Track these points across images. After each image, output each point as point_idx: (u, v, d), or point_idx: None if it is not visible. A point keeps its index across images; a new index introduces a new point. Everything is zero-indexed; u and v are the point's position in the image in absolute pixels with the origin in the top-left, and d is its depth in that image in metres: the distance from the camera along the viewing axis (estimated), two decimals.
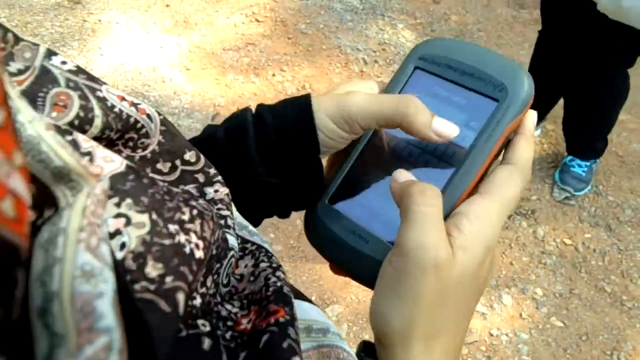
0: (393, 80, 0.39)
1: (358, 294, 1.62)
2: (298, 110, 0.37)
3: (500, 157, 0.35)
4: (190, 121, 2.06)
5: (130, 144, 0.30)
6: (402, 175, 0.33)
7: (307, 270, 1.67)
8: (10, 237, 0.13)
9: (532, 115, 0.35)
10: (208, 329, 0.25)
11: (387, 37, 2.55)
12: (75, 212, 0.19)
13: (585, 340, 1.57)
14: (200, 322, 0.25)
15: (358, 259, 0.35)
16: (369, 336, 1.53)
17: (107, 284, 0.18)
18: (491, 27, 2.70)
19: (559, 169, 1.99)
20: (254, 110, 0.39)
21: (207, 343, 0.24)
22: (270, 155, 0.37)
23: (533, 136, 0.35)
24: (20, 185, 0.14)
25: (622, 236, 1.85)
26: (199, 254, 0.24)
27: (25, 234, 0.14)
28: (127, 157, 0.30)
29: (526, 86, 0.34)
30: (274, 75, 2.28)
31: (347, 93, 0.36)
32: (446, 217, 0.32)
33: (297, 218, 1.77)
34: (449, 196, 0.33)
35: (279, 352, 0.25)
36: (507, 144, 0.35)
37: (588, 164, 1.94)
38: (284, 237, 1.75)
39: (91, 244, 0.18)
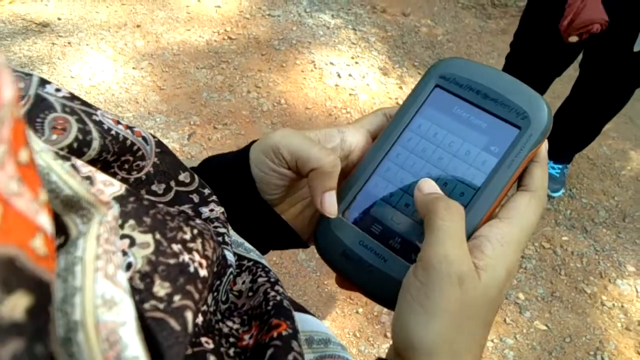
0: (412, 96, 0.39)
1: (344, 309, 1.61)
2: (241, 150, 0.39)
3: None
4: (166, 141, 2.04)
5: (126, 166, 0.31)
6: (428, 185, 0.34)
7: (291, 287, 1.65)
8: (44, 275, 0.13)
9: (545, 145, 0.36)
10: (212, 346, 0.25)
11: (360, 50, 2.58)
12: (90, 240, 0.19)
13: (569, 342, 1.60)
14: (203, 339, 0.25)
15: (373, 276, 0.35)
16: (356, 351, 1.52)
17: (128, 311, 0.18)
18: (460, 37, 2.76)
19: None
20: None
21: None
22: (222, 194, 0.38)
23: (547, 165, 0.36)
24: (47, 221, 0.14)
25: (598, 237, 1.89)
26: (203, 272, 0.25)
27: (54, 270, 0.14)
28: (122, 180, 0.30)
29: (547, 116, 0.35)
30: (249, 92, 2.28)
31: (282, 131, 0.37)
32: (467, 238, 0.32)
33: None
34: (469, 219, 0.33)
35: None
36: (523, 172, 0.35)
37: (561, 166, 1.99)
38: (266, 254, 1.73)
39: (109, 272, 0.18)
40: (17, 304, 0.12)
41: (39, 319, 0.13)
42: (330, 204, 0.35)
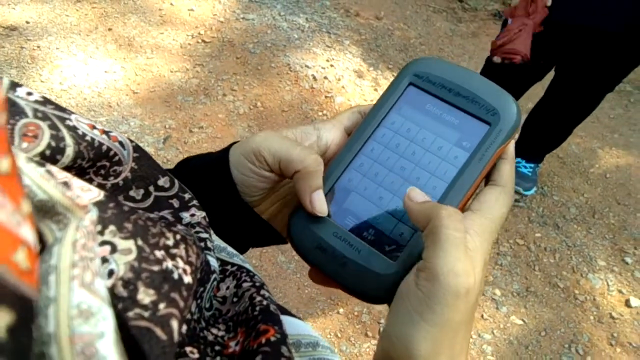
0: (386, 93, 0.40)
1: (325, 309, 1.61)
2: (220, 152, 0.39)
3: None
4: (141, 145, 2.01)
5: (102, 172, 0.30)
6: (418, 194, 0.33)
7: (271, 289, 1.65)
8: (27, 291, 0.12)
9: (513, 143, 0.37)
10: (197, 356, 0.24)
11: (335, 53, 2.59)
12: (66, 247, 0.18)
13: (545, 336, 1.64)
14: (188, 349, 0.25)
15: (348, 268, 0.35)
16: (338, 351, 1.52)
17: (106, 322, 0.17)
18: (432, 40, 2.81)
19: None
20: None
21: None
22: (201, 194, 0.38)
23: (514, 161, 0.37)
24: (29, 234, 0.14)
25: (569, 233, 1.94)
26: (188, 279, 0.24)
27: (37, 285, 0.13)
28: (99, 186, 0.29)
29: (516, 114, 0.37)
30: (224, 95, 2.27)
31: (263, 134, 0.37)
32: None
33: None
34: None
35: None
36: (491, 168, 0.37)
37: (533, 165, 2.04)
38: (245, 256, 1.72)
39: (85, 280, 0.17)
40: None
41: (20, 338, 0.12)
42: (320, 203, 0.36)
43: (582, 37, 1.56)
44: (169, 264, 0.23)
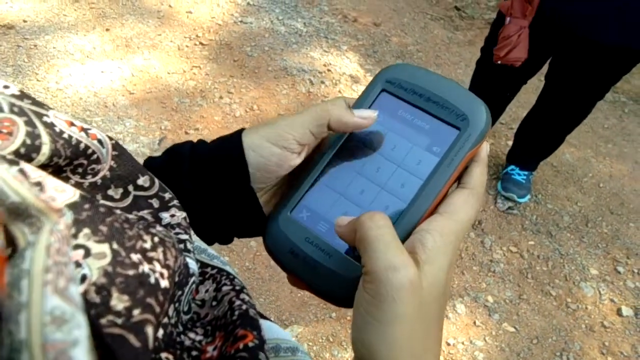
0: (359, 100, 0.40)
1: (317, 313, 1.61)
2: (230, 136, 0.39)
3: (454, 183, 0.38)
4: (136, 146, 2.01)
5: (80, 170, 0.29)
6: (344, 219, 0.34)
7: (264, 292, 1.64)
8: None
9: (485, 147, 0.38)
10: None
11: (332, 58, 2.60)
12: (39, 251, 0.17)
13: (536, 344, 1.64)
14: (163, 355, 0.24)
15: (319, 272, 0.36)
16: (330, 355, 1.52)
17: (80, 329, 0.17)
18: (429, 47, 2.82)
19: (500, 179, 2.08)
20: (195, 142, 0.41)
21: None
22: (203, 183, 0.38)
23: (486, 165, 0.37)
24: (28, 232, 0.13)
25: (562, 241, 1.95)
26: (164, 283, 0.23)
27: (4, 288, 0.13)
28: (76, 184, 0.29)
29: (485, 118, 0.37)
30: (221, 97, 2.27)
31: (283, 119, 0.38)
32: (409, 234, 0.33)
33: (252, 240, 1.75)
34: (411, 215, 0.35)
35: None
36: (463, 171, 0.37)
37: (527, 173, 2.05)
38: (239, 259, 1.72)
39: (59, 285, 0.17)
40: None
41: None
42: (367, 112, 0.38)
43: (575, 42, 1.57)
44: (145, 267, 0.23)
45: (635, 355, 1.63)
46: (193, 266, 0.29)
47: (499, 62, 1.59)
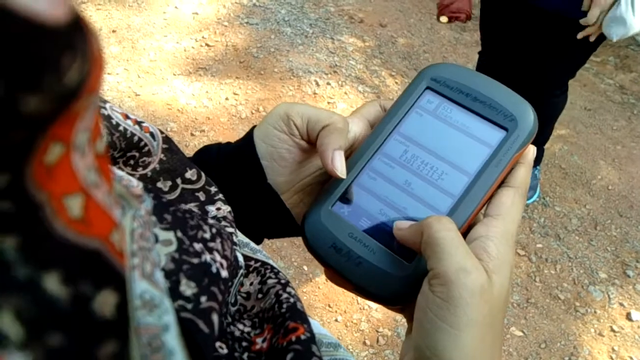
0: (403, 96, 0.40)
1: (322, 316, 1.60)
2: (242, 139, 0.39)
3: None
4: None
5: (131, 162, 0.30)
6: (404, 223, 0.34)
7: None
8: (123, 272, 0.12)
9: (532, 150, 0.37)
10: (226, 351, 0.24)
11: (338, 59, 2.59)
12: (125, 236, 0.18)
13: (544, 348, 1.62)
14: (217, 344, 0.24)
15: (362, 269, 0.35)
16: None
17: (169, 315, 0.17)
18: (436, 48, 2.81)
19: None
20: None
21: None
22: (226, 183, 0.38)
23: (531, 167, 0.37)
24: (120, 217, 0.14)
25: (571, 244, 1.93)
26: (224, 273, 0.24)
27: (127, 269, 0.13)
28: None
29: (533, 120, 0.37)
30: (227, 99, 2.27)
31: (287, 103, 0.39)
32: None
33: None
34: (458, 215, 0.35)
35: None
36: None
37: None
38: None
39: (146, 270, 0.17)
40: (107, 301, 0.11)
41: (126, 318, 0.12)
42: (340, 163, 0.35)
43: (527, 12, 1.56)
44: (207, 257, 0.23)
45: None
46: (240, 258, 0.30)
47: (442, 16, 1.71)
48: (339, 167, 0.35)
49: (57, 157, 0.11)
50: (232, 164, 0.38)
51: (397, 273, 0.34)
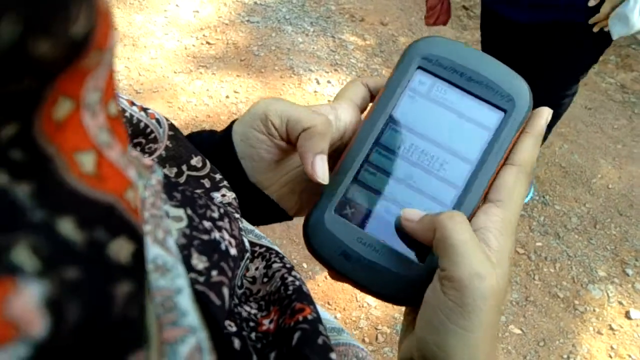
0: (392, 79, 0.37)
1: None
2: (222, 132, 0.38)
3: None
4: None
5: (138, 148, 0.30)
6: (414, 213, 0.33)
7: None
8: (139, 227, 0.13)
9: (543, 114, 0.35)
10: (235, 329, 0.25)
11: (339, 57, 2.59)
12: None
13: (543, 346, 1.62)
14: (226, 322, 0.25)
15: (376, 274, 0.34)
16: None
17: (182, 279, 0.17)
18: None
19: None
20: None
21: (237, 343, 0.24)
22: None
23: (541, 135, 0.35)
24: (135, 177, 0.14)
25: (570, 243, 1.93)
26: (233, 251, 0.24)
27: (143, 225, 0.14)
28: None
29: (529, 98, 0.35)
30: (227, 97, 2.27)
31: (267, 99, 0.36)
32: None
33: None
34: (466, 205, 0.34)
35: (315, 348, 0.24)
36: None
37: None
38: None
39: (158, 236, 0.18)
40: (122, 248, 0.12)
41: (143, 267, 0.13)
42: (321, 168, 0.33)
43: (543, 31, 1.52)
44: (216, 234, 0.23)
45: None
46: (247, 243, 0.30)
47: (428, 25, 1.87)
48: (320, 173, 0.33)
49: (66, 113, 0.11)
50: (212, 161, 0.38)
51: (411, 274, 0.33)
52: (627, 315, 1.72)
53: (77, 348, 0.10)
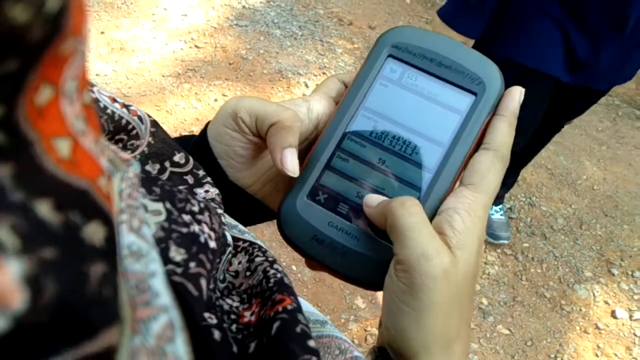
0: (364, 68, 0.38)
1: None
2: (201, 132, 0.38)
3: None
4: None
5: (120, 145, 0.30)
6: (374, 198, 0.33)
7: None
8: (111, 214, 0.13)
9: (515, 95, 0.35)
10: (215, 321, 0.25)
11: (327, 61, 2.60)
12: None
13: (531, 346, 1.64)
14: (206, 315, 0.25)
15: (347, 257, 0.34)
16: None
17: (156, 263, 0.18)
18: None
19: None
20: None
21: (217, 334, 0.24)
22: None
23: (515, 116, 0.35)
24: (107, 166, 0.15)
25: (556, 244, 1.95)
26: (212, 244, 0.25)
27: (114, 213, 0.14)
28: None
29: (500, 81, 0.36)
30: (216, 100, 2.27)
31: (237, 97, 0.37)
32: (435, 210, 0.32)
33: None
34: (437, 189, 0.34)
35: (293, 336, 0.25)
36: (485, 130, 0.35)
37: (500, 207, 1.92)
38: None
39: (133, 225, 0.18)
40: (96, 232, 0.12)
41: (115, 252, 0.13)
42: (291, 162, 0.33)
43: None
44: (195, 228, 0.24)
45: (629, 357, 1.64)
46: (229, 237, 0.30)
47: None
48: (289, 166, 0.33)
49: (47, 99, 0.12)
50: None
51: (383, 257, 0.33)
52: (613, 315, 1.75)
53: (53, 322, 0.11)
